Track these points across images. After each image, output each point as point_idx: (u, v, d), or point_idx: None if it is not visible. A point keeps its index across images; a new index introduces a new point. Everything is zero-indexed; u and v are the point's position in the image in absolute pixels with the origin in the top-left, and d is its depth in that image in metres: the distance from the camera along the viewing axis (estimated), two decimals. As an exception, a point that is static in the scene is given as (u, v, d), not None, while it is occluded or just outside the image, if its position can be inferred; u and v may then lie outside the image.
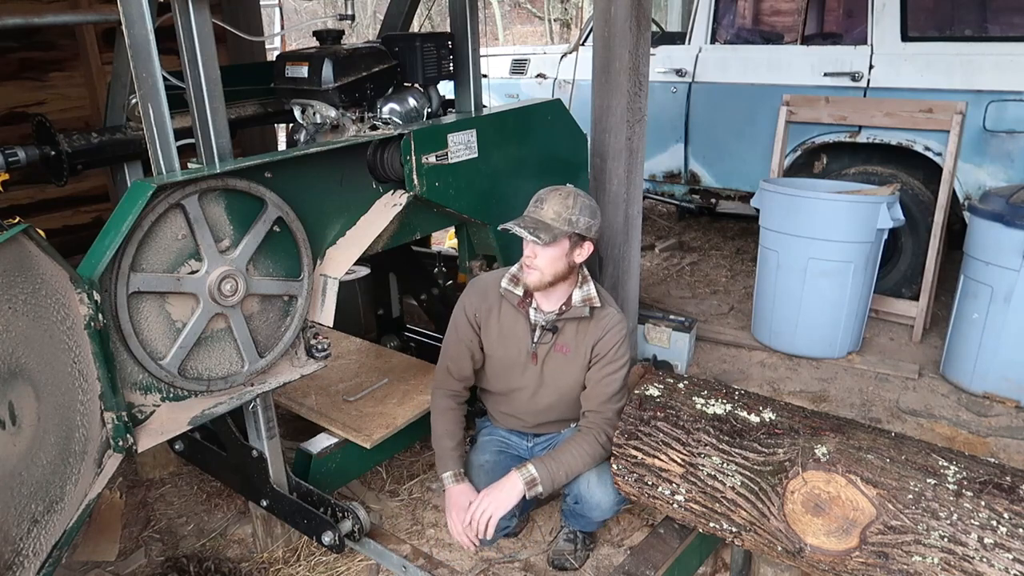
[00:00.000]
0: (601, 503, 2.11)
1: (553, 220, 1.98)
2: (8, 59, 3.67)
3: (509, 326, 2.16)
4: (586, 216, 2.00)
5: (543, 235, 1.95)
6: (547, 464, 2.02)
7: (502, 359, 2.19)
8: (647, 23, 2.79)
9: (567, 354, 2.12)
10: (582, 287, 2.10)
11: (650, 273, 4.87)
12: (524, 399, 2.22)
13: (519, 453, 2.30)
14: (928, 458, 1.64)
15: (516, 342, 2.16)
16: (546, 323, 2.11)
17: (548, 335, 2.12)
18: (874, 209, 3.33)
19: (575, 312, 2.08)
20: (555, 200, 2.00)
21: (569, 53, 5.26)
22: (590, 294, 2.09)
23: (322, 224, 2.06)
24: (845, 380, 3.45)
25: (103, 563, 2.37)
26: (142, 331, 1.74)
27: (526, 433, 2.33)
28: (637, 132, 2.91)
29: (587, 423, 2.11)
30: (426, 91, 2.54)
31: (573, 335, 2.11)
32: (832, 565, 1.66)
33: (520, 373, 2.19)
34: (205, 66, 1.79)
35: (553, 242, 1.97)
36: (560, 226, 1.97)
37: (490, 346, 2.19)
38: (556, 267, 2.01)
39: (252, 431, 2.21)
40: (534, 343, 2.13)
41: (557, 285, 2.06)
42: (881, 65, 3.92)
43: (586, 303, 2.08)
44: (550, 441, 2.30)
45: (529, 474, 2.00)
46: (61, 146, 2.32)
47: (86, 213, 4.04)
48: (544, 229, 1.97)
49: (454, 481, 2.11)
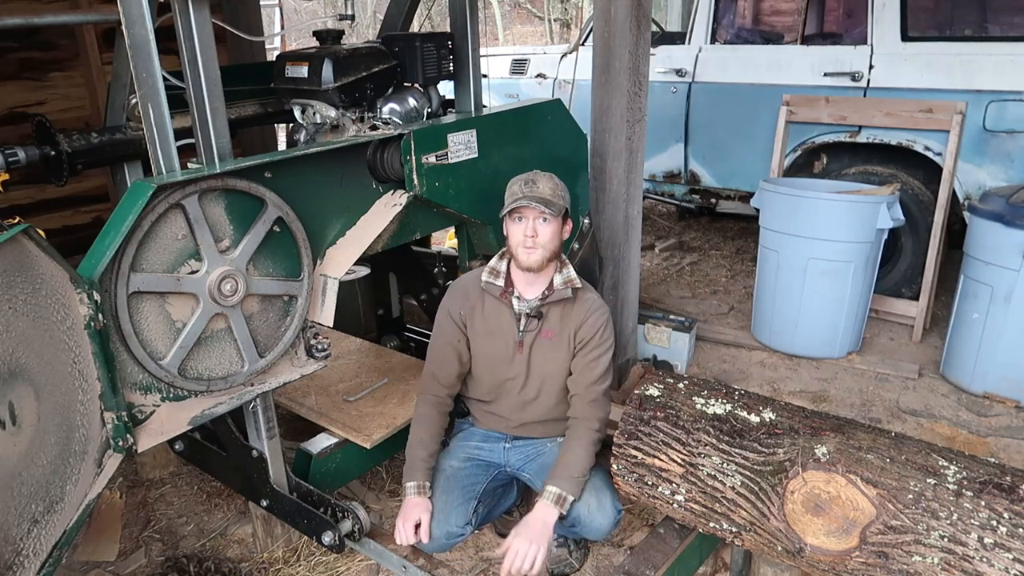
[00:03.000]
0: (601, 527, 2.09)
1: (551, 196, 2.04)
2: (8, 59, 3.67)
3: (494, 319, 2.17)
4: (567, 195, 2.10)
5: (552, 208, 2.02)
6: (560, 473, 2.02)
7: (490, 356, 2.20)
8: (647, 23, 2.79)
9: (552, 339, 2.14)
10: (561, 271, 2.13)
11: (650, 273, 4.87)
12: (513, 392, 2.22)
13: (491, 459, 2.27)
14: (928, 458, 1.64)
15: (502, 334, 2.17)
16: (531, 310, 2.13)
17: (534, 322, 2.14)
18: (874, 209, 3.33)
19: (558, 295, 2.11)
20: (544, 178, 2.07)
21: (569, 53, 5.26)
22: (570, 276, 2.13)
23: (322, 224, 2.06)
24: (845, 380, 3.45)
25: (103, 563, 2.37)
26: (142, 331, 1.74)
27: (505, 435, 2.30)
28: (637, 132, 2.91)
29: (575, 411, 2.12)
30: (426, 91, 2.54)
31: (558, 320, 2.13)
32: (832, 565, 1.66)
33: (508, 365, 2.19)
34: (205, 66, 1.78)
35: (559, 215, 2.04)
36: (559, 201, 2.04)
37: (476, 344, 2.20)
38: (555, 243, 2.07)
39: (252, 431, 2.21)
40: (520, 332, 2.14)
41: (546, 268, 2.10)
42: (881, 65, 3.92)
43: (567, 285, 2.12)
44: (529, 447, 2.27)
45: (553, 493, 1.99)
46: (61, 146, 2.31)
47: (86, 213, 4.04)
48: (549, 204, 2.02)
49: (415, 493, 2.08)
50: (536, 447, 2.27)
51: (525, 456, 2.27)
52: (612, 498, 2.09)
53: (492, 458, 2.28)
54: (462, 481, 2.16)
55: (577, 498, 2.02)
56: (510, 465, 2.28)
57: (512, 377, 2.20)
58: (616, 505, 2.09)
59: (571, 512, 2.04)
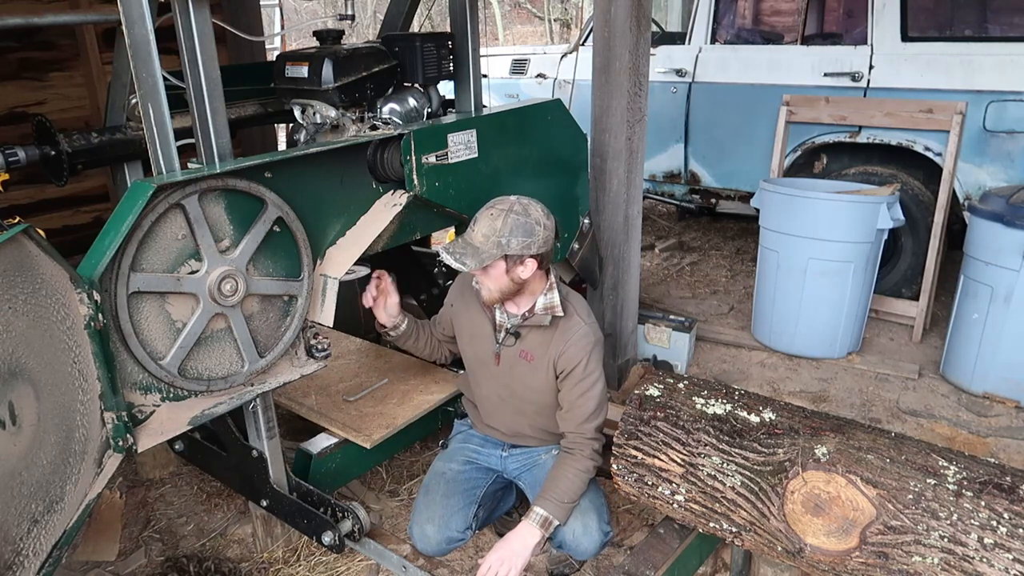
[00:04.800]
0: (587, 550, 2.06)
1: (482, 243, 1.91)
2: (8, 59, 3.67)
3: (477, 324, 2.17)
4: (519, 236, 1.89)
5: (469, 260, 1.90)
6: (549, 497, 1.99)
7: (472, 357, 2.22)
8: (647, 23, 2.79)
9: (531, 362, 2.08)
10: (547, 295, 2.04)
11: (650, 273, 4.87)
12: (494, 402, 2.21)
13: (489, 464, 2.27)
14: (928, 458, 1.64)
15: (483, 341, 2.16)
16: (510, 327, 2.09)
17: (512, 339, 2.09)
18: (874, 209, 3.33)
19: (536, 320, 2.04)
20: (484, 222, 1.93)
21: (569, 53, 5.26)
22: (552, 303, 2.03)
23: (322, 224, 2.06)
24: (845, 380, 3.45)
25: (103, 563, 2.37)
26: (142, 331, 1.74)
27: (502, 443, 2.29)
28: (637, 132, 2.91)
29: (568, 444, 2.06)
30: (426, 91, 2.54)
31: (537, 344, 2.07)
32: (832, 565, 1.66)
33: (489, 372, 2.17)
34: (205, 66, 1.78)
35: (482, 266, 1.92)
36: (489, 249, 1.90)
37: (462, 342, 2.24)
38: (500, 284, 1.97)
39: (252, 431, 2.21)
40: (498, 344, 2.12)
41: (516, 297, 2.03)
42: (881, 65, 3.92)
43: (547, 311, 2.02)
44: (525, 455, 2.26)
45: (539, 516, 1.96)
46: (61, 146, 2.31)
47: (86, 213, 4.04)
48: (472, 254, 1.90)
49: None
50: (532, 456, 2.26)
51: (522, 465, 2.26)
52: (599, 519, 2.05)
53: (491, 463, 2.28)
54: (463, 485, 2.16)
55: (563, 523, 2.00)
56: (507, 472, 2.28)
57: (490, 390, 2.20)
58: (603, 527, 2.06)
59: (555, 535, 2.03)
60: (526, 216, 1.92)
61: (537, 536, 1.95)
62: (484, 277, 1.98)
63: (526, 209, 1.93)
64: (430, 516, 2.09)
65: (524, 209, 1.93)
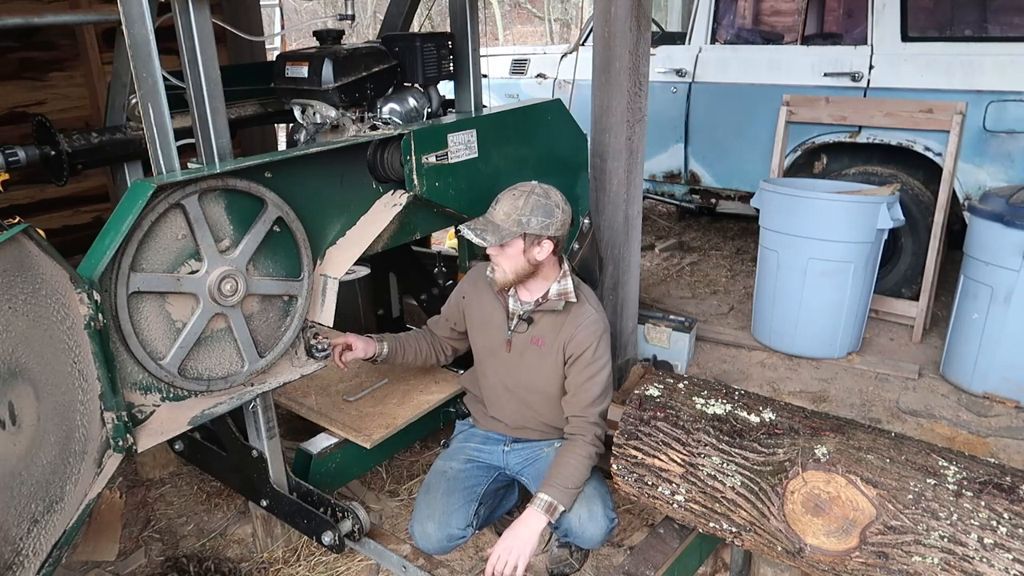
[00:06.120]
0: (594, 537, 2.07)
1: (503, 221, 2.00)
2: (8, 59, 3.67)
3: (488, 312, 2.20)
4: (539, 216, 1.99)
5: (490, 236, 1.98)
6: (553, 483, 1.99)
7: (481, 347, 2.24)
8: (647, 23, 2.79)
9: (542, 348, 2.12)
10: (560, 281, 2.10)
11: (650, 273, 4.87)
12: (500, 392, 2.23)
13: (491, 462, 2.27)
14: (928, 458, 1.64)
15: (494, 329, 2.19)
16: (523, 313, 2.13)
17: (524, 325, 2.13)
18: (874, 209, 3.33)
19: (550, 305, 2.09)
20: (507, 201, 2.02)
21: (569, 53, 5.26)
22: (566, 289, 2.09)
23: (322, 224, 2.06)
24: (845, 380, 3.45)
25: (103, 563, 2.37)
26: (142, 331, 1.74)
27: (504, 437, 2.30)
28: (637, 132, 2.90)
29: (572, 429, 2.08)
30: (426, 91, 2.54)
31: (548, 330, 2.12)
32: (832, 565, 1.66)
33: (499, 361, 2.20)
34: (205, 66, 1.79)
35: (502, 243, 1.99)
36: (510, 227, 1.98)
37: (472, 332, 2.26)
38: (516, 265, 2.03)
39: (252, 431, 2.21)
40: (509, 331, 2.15)
41: (528, 281, 2.08)
42: (881, 65, 3.92)
43: (561, 297, 2.09)
44: (527, 450, 2.27)
45: (544, 501, 1.96)
46: (61, 146, 2.31)
47: (86, 213, 4.04)
48: (492, 230, 1.99)
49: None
50: (534, 450, 2.27)
51: (524, 459, 2.26)
52: (604, 506, 2.06)
53: (492, 460, 2.28)
54: (463, 483, 2.16)
55: (568, 509, 2.00)
56: (509, 468, 2.27)
57: (499, 378, 2.21)
58: (609, 514, 2.07)
59: (561, 522, 2.03)
60: (547, 198, 2.02)
61: (543, 522, 1.95)
62: (501, 256, 2.03)
63: (547, 192, 2.04)
64: (431, 514, 2.09)
65: (545, 192, 2.04)
